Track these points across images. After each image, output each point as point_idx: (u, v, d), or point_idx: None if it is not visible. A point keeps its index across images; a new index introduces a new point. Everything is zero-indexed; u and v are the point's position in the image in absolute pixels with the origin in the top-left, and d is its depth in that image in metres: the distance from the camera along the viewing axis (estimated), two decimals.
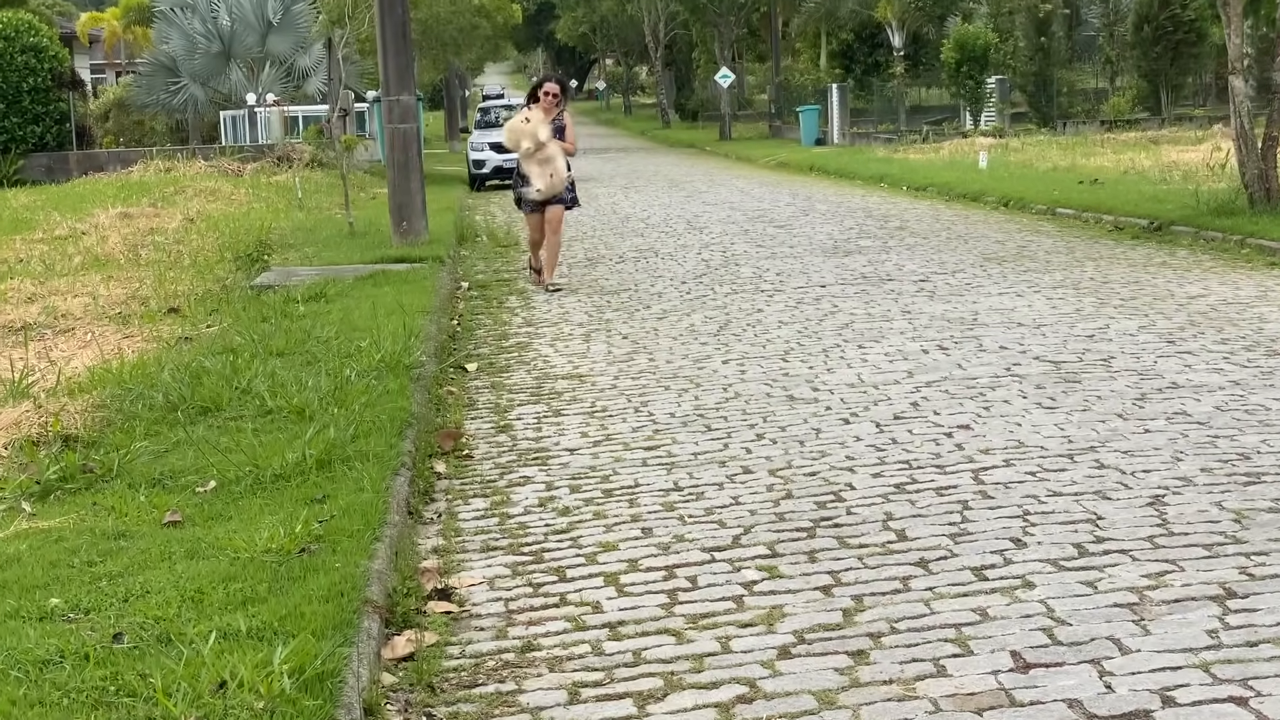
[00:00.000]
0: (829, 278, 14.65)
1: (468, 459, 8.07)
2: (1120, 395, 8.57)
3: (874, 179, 29.69)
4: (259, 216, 22.00)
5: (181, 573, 5.67)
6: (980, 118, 43.37)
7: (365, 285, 14.00)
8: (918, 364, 9.87)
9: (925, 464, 7.27)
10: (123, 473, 7.32)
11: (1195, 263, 14.60)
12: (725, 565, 5.93)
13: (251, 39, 40.93)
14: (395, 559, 5.97)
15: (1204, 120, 40.86)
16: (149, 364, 10.04)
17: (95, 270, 16.39)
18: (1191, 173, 22.84)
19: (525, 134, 14.56)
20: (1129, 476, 6.81)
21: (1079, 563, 5.64)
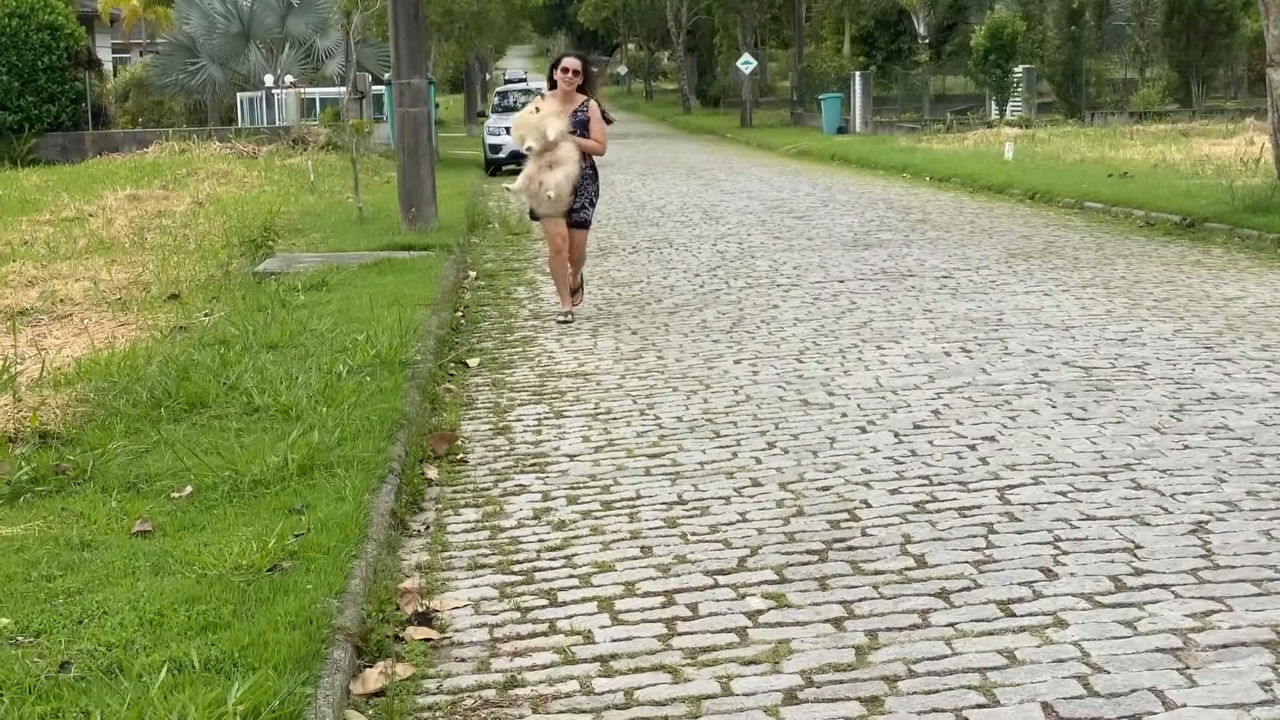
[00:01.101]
0: (848, 273, 14.17)
1: (462, 464, 7.64)
2: (1156, 406, 8.08)
3: (896, 169, 29.16)
4: (269, 200, 21.60)
5: (143, 591, 5.25)
6: (1006, 107, 42.74)
7: (369, 274, 13.57)
8: (939, 367, 9.40)
9: (947, 480, 6.80)
10: (97, 475, 6.93)
11: (1231, 262, 14.08)
12: (729, 591, 5.49)
13: (271, 20, 40.47)
14: (374, 578, 5.54)
15: (1235, 113, 40.19)
16: (138, 355, 9.65)
17: (99, 254, 16.02)
18: (1225, 167, 22.28)
19: (531, 129, 11.47)
20: (1168, 499, 6.34)
21: (1116, 598, 5.17)
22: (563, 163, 11.41)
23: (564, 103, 11.49)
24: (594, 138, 11.64)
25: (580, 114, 11.59)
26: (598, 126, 11.63)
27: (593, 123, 11.60)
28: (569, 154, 11.46)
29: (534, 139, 11.35)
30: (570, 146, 11.46)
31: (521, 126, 11.59)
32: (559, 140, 11.35)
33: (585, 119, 11.60)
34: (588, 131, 11.58)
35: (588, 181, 11.69)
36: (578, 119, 11.54)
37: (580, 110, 11.58)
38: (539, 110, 11.46)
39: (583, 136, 11.55)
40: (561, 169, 11.38)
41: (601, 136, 11.69)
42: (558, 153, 11.41)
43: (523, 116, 11.70)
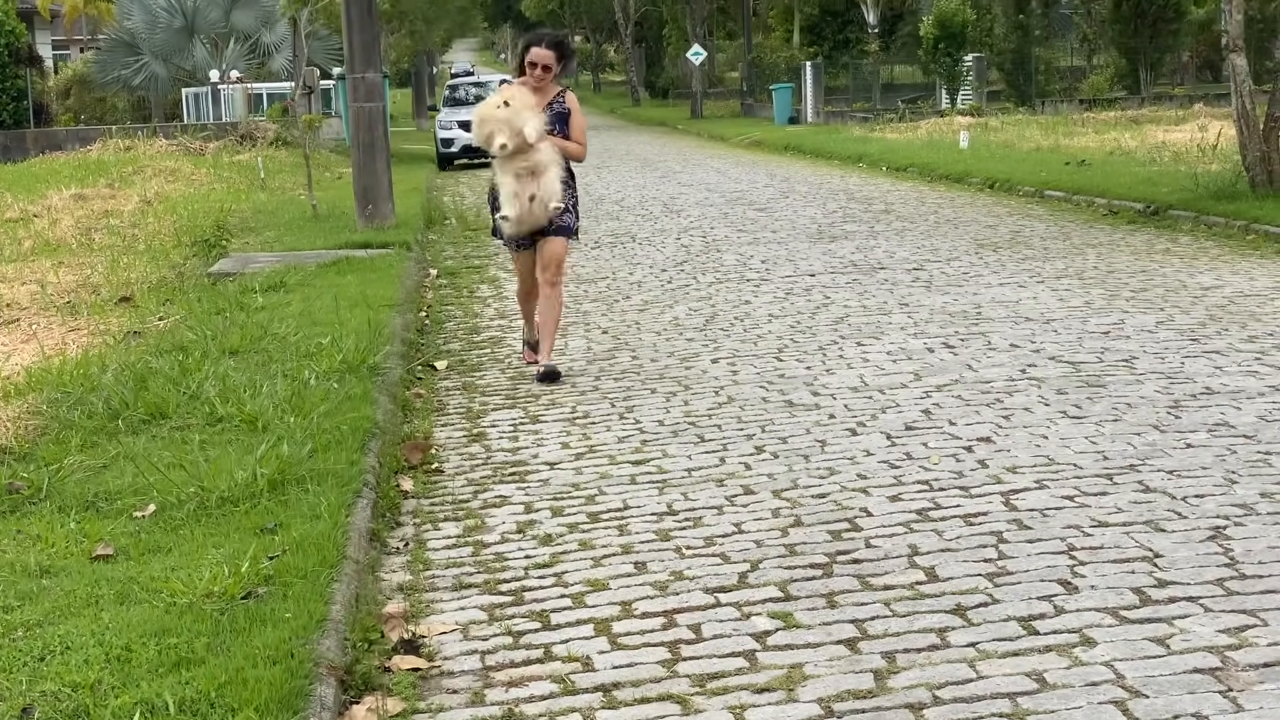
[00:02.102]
0: (817, 265, 13.90)
1: (437, 474, 7.31)
2: (1152, 403, 7.85)
3: (852, 159, 28.96)
4: (219, 198, 21.17)
5: (109, 623, 4.91)
6: (957, 96, 42.64)
7: (328, 273, 13.20)
8: (924, 364, 9.14)
9: (947, 485, 6.54)
10: (53, 493, 6.56)
11: (1201, 250, 13.90)
12: (732, 610, 5.19)
13: (215, 14, 39.85)
14: (355, 604, 5.22)
15: (1184, 99, 40.26)
16: (92, 363, 9.27)
17: (45, 256, 15.61)
18: (1181, 153, 22.19)
19: (499, 124, 8.91)
20: (1180, 503, 6.09)
21: (1143, 613, 4.91)
22: (544, 167, 9.02)
23: (537, 92, 9.20)
24: (575, 136, 9.38)
25: (557, 106, 9.30)
26: (579, 122, 9.43)
27: (574, 118, 9.40)
28: (550, 156, 9.05)
29: (506, 136, 8.84)
30: (551, 149, 9.06)
31: (488, 122, 8.93)
32: (536, 140, 8.93)
33: (564, 112, 9.34)
34: (567, 128, 9.34)
35: (567, 187, 9.37)
36: (554, 112, 9.26)
37: (557, 101, 9.32)
38: (507, 103, 8.94)
39: (561, 134, 9.28)
40: (549, 174, 9.04)
41: (583, 135, 9.51)
42: (536, 156, 8.95)
43: (487, 109, 9.03)
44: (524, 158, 8.97)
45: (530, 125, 8.88)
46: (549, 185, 9.06)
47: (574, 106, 9.46)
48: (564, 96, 9.42)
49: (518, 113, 8.88)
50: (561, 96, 9.40)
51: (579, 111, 9.49)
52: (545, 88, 9.30)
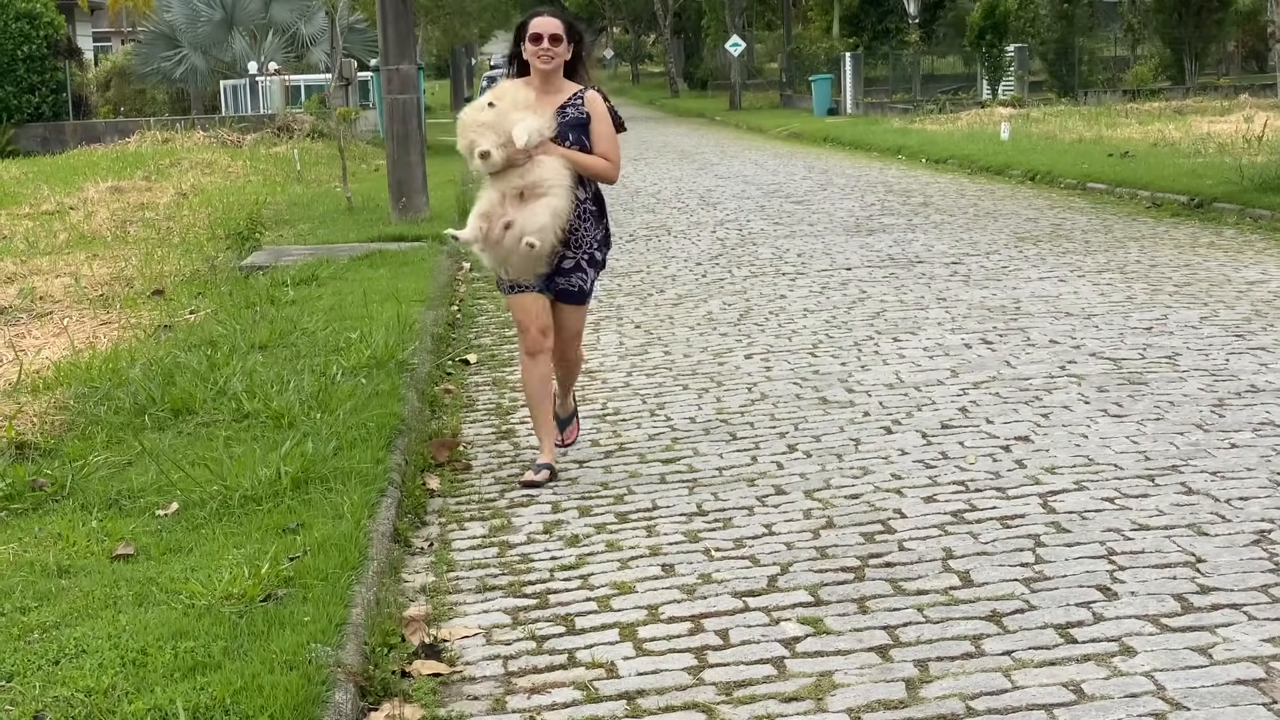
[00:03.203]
0: (854, 259, 13.74)
1: (465, 471, 7.21)
2: (1195, 401, 7.67)
3: (891, 150, 28.74)
4: (255, 191, 21.13)
5: (125, 625, 4.83)
6: (999, 87, 42.31)
7: (360, 267, 13.12)
8: (961, 360, 8.98)
9: (984, 486, 6.39)
10: (76, 490, 6.50)
11: (1246, 243, 13.67)
12: (761, 615, 5.06)
13: (254, 6, 39.89)
14: (376, 607, 5.12)
15: (1229, 90, 39.76)
16: (121, 357, 9.22)
17: (80, 248, 15.59)
18: (1226, 145, 21.88)
19: (481, 129, 6.69)
20: (1224, 505, 5.92)
21: (1184, 621, 4.76)
22: (544, 189, 6.66)
23: (544, 92, 6.84)
24: (599, 150, 6.87)
25: (573, 110, 6.85)
26: (605, 130, 6.89)
27: (596, 125, 6.88)
28: (554, 175, 6.68)
29: (490, 144, 6.57)
30: (557, 164, 6.69)
31: (470, 129, 6.69)
32: (534, 149, 6.64)
33: (582, 119, 6.87)
34: (587, 138, 6.86)
35: (586, 223, 6.91)
36: (569, 119, 6.83)
37: (572, 104, 6.87)
38: (493, 105, 6.69)
39: (579, 146, 6.83)
40: (543, 201, 6.64)
41: (612, 148, 6.94)
42: (536, 172, 6.65)
43: (469, 112, 6.83)
44: (518, 172, 6.62)
45: (521, 128, 6.56)
46: (534, 215, 6.58)
47: (597, 110, 6.89)
48: (583, 98, 6.88)
49: (506, 114, 6.60)
50: (580, 97, 6.88)
51: (605, 116, 6.89)
52: (556, 81, 6.86)
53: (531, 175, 6.66)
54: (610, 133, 6.92)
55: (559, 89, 6.89)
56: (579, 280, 6.95)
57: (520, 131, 6.56)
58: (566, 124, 6.82)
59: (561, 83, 6.91)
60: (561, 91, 6.89)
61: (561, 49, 6.83)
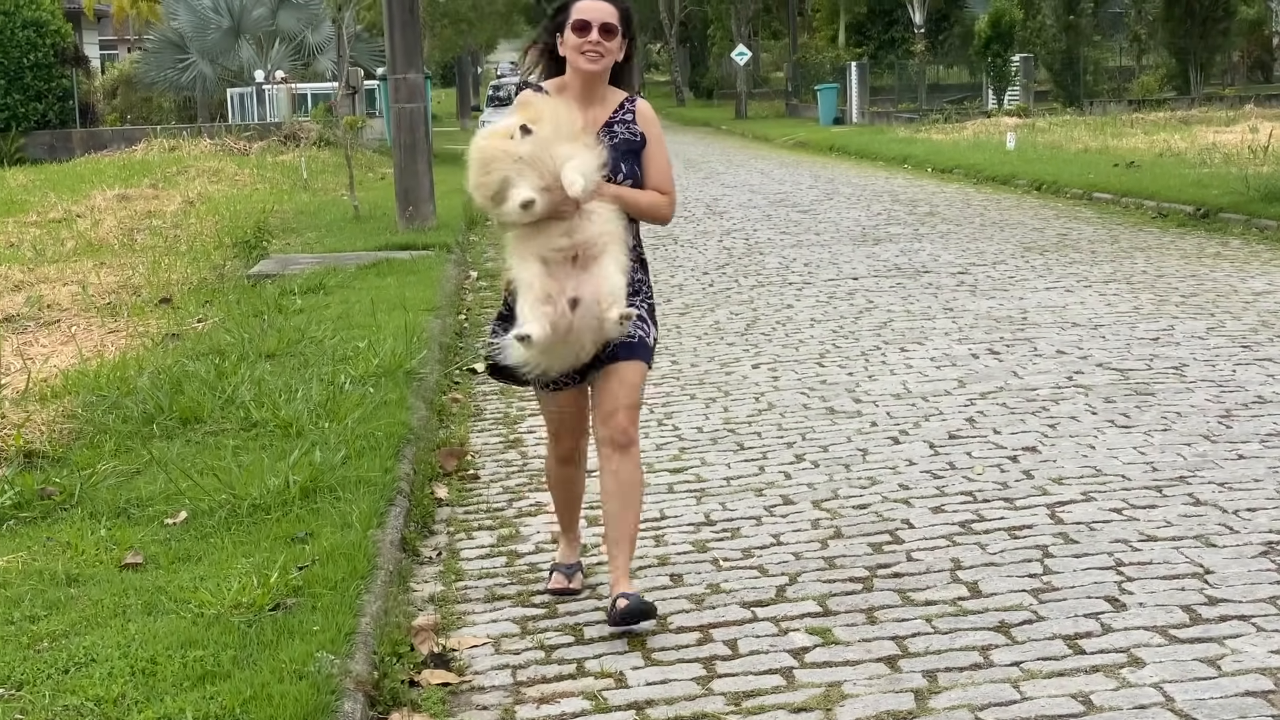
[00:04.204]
0: (860, 269, 13.75)
1: (473, 480, 7.22)
2: (1202, 412, 7.67)
3: (897, 160, 28.75)
4: (261, 199, 21.16)
5: (135, 634, 4.84)
6: (1004, 97, 42.33)
7: (367, 275, 13.14)
8: (968, 371, 8.99)
9: (991, 496, 6.39)
10: (85, 499, 6.50)
11: (1252, 254, 13.67)
12: (769, 626, 5.07)
13: (261, 14, 39.95)
14: (385, 616, 5.12)
15: (1234, 100, 39.79)
16: (129, 366, 9.23)
17: (88, 256, 15.62)
18: (1232, 155, 21.88)
19: (517, 167, 4.88)
20: (1232, 517, 5.93)
21: (1193, 632, 4.76)
22: (605, 249, 5.01)
23: (585, 103, 5.17)
24: (654, 182, 5.27)
25: (623, 130, 5.23)
26: (661, 157, 5.31)
27: (652, 149, 5.26)
28: (611, 227, 5.05)
29: (534, 191, 4.84)
30: (609, 211, 5.05)
31: (498, 163, 4.90)
32: (583, 193, 4.89)
33: (634, 141, 5.23)
34: (639, 166, 5.23)
35: (637, 270, 5.28)
36: (619, 140, 5.19)
37: (621, 121, 5.25)
38: (528, 131, 4.87)
39: (626, 178, 5.17)
40: (608, 260, 5.01)
41: (669, 178, 5.33)
42: (588, 227, 4.98)
43: (493, 141, 4.96)
44: (563, 227, 4.91)
45: (573, 167, 4.80)
46: (607, 280, 4.94)
47: (653, 130, 5.27)
48: (633, 109, 5.26)
49: (550, 144, 4.83)
50: (630, 111, 5.25)
51: (661, 137, 5.29)
52: (601, 88, 5.22)
53: (584, 232, 4.91)
54: (667, 159, 5.31)
55: (603, 98, 5.22)
56: (639, 328, 5.12)
57: (574, 175, 4.76)
58: (616, 148, 5.09)
59: (606, 90, 5.24)
60: (606, 102, 5.22)
61: (615, 44, 5.12)
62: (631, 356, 5.12)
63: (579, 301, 4.91)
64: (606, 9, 5.12)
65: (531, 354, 4.94)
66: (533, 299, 4.91)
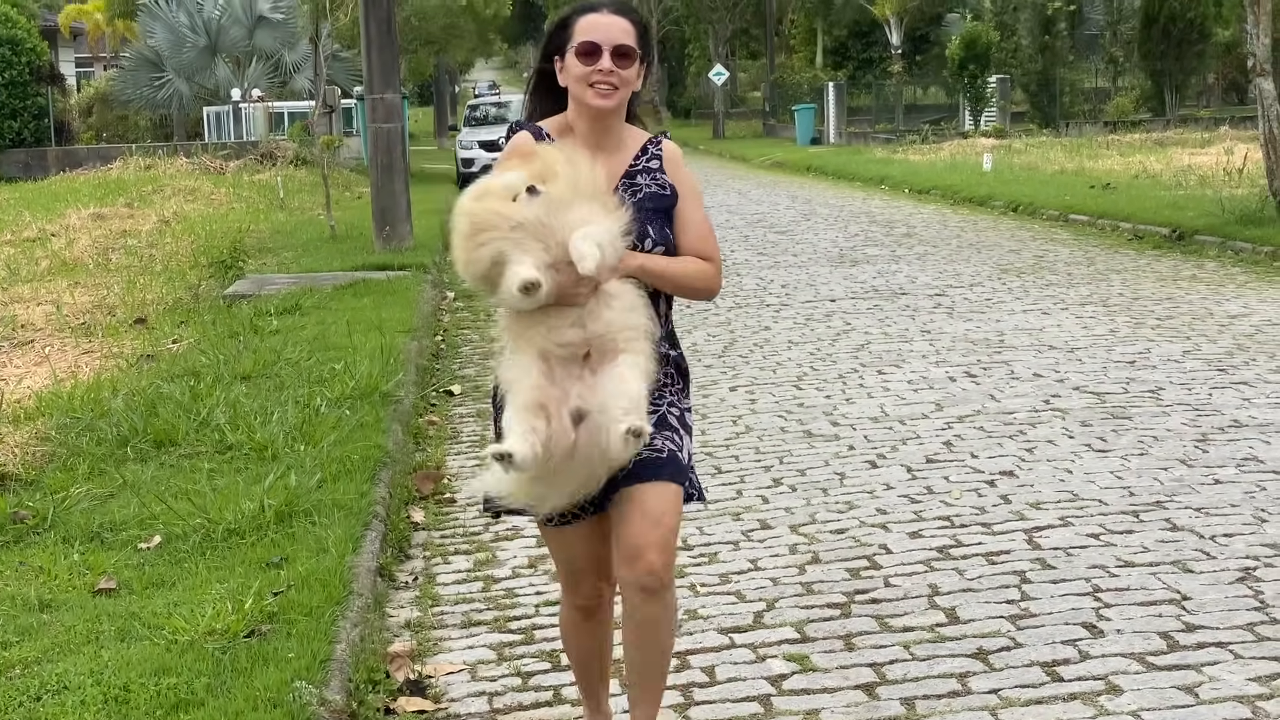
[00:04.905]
0: (838, 291, 13.76)
1: (449, 504, 7.19)
2: (1179, 436, 7.69)
3: (874, 180, 28.82)
4: (238, 218, 21.10)
5: (108, 661, 4.79)
6: (981, 118, 42.50)
7: (344, 296, 13.10)
8: (945, 394, 8.99)
9: (969, 521, 6.39)
10: (58, 523, 6.45)
11: (1228, 276, 13.73)
12: (747, 652, 5.05)
13: (238, 33, 39.92)
14: (360, 642, 5.09)
15: (1209, 121, 40.00)
16: (103, 387, 9.17)
17: (62, 276, 15.54)
18: (1208, 177, 21.98)
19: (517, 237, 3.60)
20: (1209, 542, 5.93)
21: (1170, 659, 4.76)
22: (621, 342, 3.75)
23: (597, 147, 3.93)
24: (692, 245, 4.01)
25: (648, 181, 4.00)
26: (697, 212, 4.03)
27: (686, 205, 4.00)
28: (633, 315, 3.78)
29: (537, 270, 3.60)
30: (632, 293, 3.79)
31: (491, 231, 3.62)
32: (608, 273, 3.72)
33: (664, 195, 3.99)
34: (670, 226, 3.97)
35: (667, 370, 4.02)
36: (644, 196, 3.96)
37: (645, 169, 4.02)
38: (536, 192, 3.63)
39: (657, 245, 3.91)
40: (625, 363, 3.73)
41: (710, 240, 4.06)
42: (606, 312, 3.73)
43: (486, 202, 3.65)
44: (573, 316, 3.71)
45: (587, 237, 3.62)
46: (620, 388, 3.68)
47: (686, 180, 4.02)
48: (659, 155, 4.04)
49: (561, 208, 3.65)
50: (656, 155, 4.03)
51: (695, 189, 4.04)
52: (617, 128, 4.01)
53: (600, 322, 3.66)
54: (704, 215, 4.03)
55: (619, 142, 3.98)
56: (663, 442, 3.86)
57: (588, 247, 3.55)
58: (641, 206, 3.85)
59: (623, 129, 4.01)
60: (624, 146, 3.99)
61: (632, 72, 3.90)
62: (658, 477, 3.83)
63: (585, 414, 3.64)
64: (619, 25, 3.89)
65: (517, 481, 3.67)
66: (521, 407, 3.63)
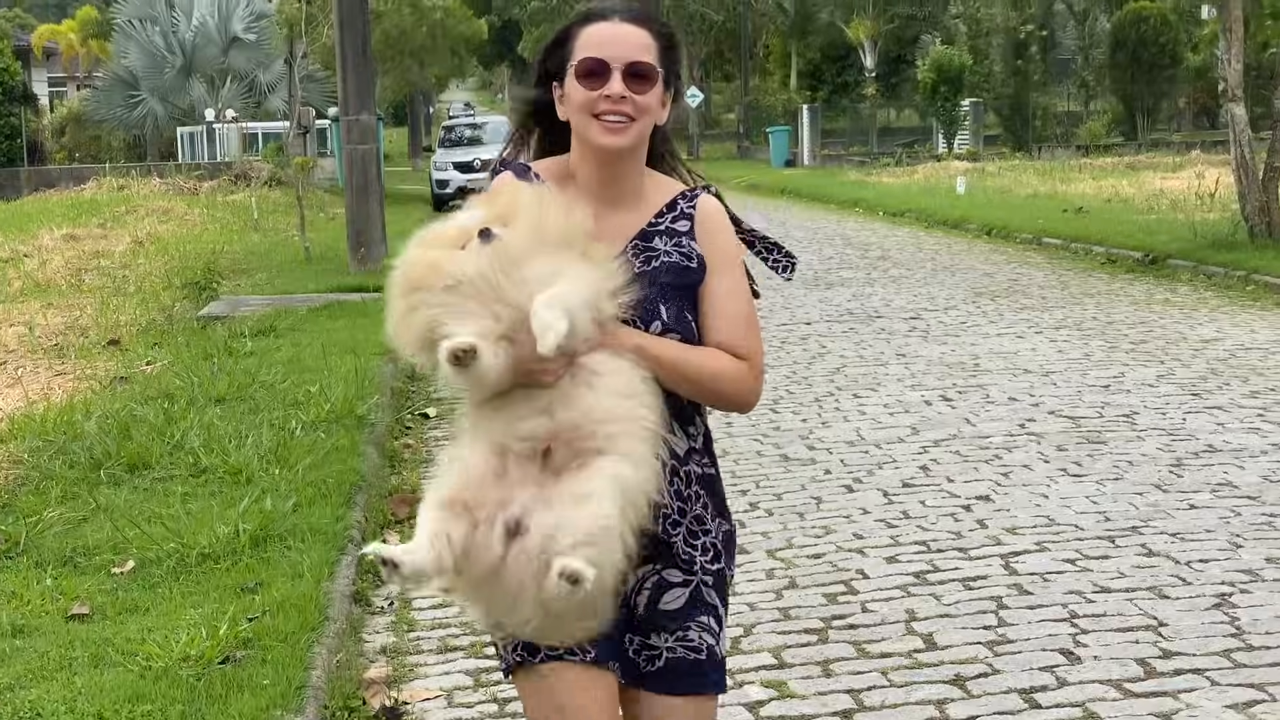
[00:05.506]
0: (813, 314, 13.78)
1: None
2: (1153, 460, 7.71)
3: (848, 203, 28.88)
4: (212, 239, 21.06)
5: (81, 687, 4.75)
6: (954, 141, 42.69)
7: (319, 318, 13.06)
8: (921, 418, 9.00)
9: (945, 546, 6.39)
10: (30, 548, 6.40)
11: (1200, 301, 13.79)
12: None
13: (213, 53, 39.92)
14: (336, 669, 5.07)
15: (1180, 145, 40.25)
16: (76, 410, 9.11)
17: (35, 297, 15.47)
18: (1179, 201, 22.09)
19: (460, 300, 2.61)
20: (1184, 568, 5.95)
21: (1147, 686, 4.76)
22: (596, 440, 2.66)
23: (604, 201, 2.90)
24: (720, 333, 2.90)
25: (667, 244, 2.93)
26: (735, 290, 2.94)
27: (721, 280, 2.93)
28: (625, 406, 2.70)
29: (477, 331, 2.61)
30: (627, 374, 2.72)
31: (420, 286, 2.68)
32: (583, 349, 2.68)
33: (688, 267, 2.92)
34: (692, 313, 2.91)
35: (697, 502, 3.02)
36: (660, 266, 2.90)
37: (667, 230, 2.95)
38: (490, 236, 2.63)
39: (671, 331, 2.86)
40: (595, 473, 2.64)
41: (749, 328, 2.93)
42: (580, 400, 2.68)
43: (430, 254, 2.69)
44: (540, 401, 2.71)
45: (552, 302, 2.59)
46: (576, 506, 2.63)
47: (721, 242, 2.98)
48: (692, 207, 2.99)
49: (519, 259, 2.65)
50: (688, 208, 2.99)
51: (734, 257, 2.99)
52: (634, 175, 2.98)
53: (575, 406, 2.70)
54: (745, 298, 2.97)
55: (636, 192, 2.98)
56: (700, 635, 2.98)
57: (551, 315, 2.59)
58: (656, 277, 2.89)
59: (642, 177, 3.00)
60: (643, 199, 2.98)
61: (653, 97, 2.91)
62: (697, 689, 2.95)
63: (522, 530, 2.64)
64: (635, 37, 2.91)
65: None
66: (435, 503, 2.75)
